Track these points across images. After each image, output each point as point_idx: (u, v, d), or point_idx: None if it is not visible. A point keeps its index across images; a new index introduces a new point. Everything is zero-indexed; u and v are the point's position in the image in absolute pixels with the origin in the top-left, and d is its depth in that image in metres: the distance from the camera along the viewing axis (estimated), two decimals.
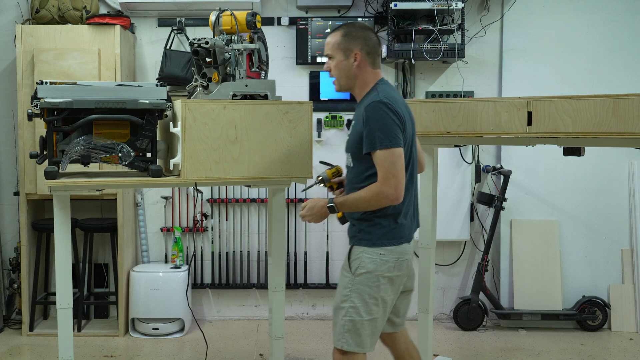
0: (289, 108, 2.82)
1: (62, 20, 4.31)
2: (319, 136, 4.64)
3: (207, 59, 2.87)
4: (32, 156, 2.74)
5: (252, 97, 2.88)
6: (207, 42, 2.79)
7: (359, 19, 4.53)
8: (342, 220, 2.55)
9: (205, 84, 2.89)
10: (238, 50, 2.87)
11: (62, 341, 2.64)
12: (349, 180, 2.49)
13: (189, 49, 4.47)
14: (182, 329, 4.42)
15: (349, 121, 2.64)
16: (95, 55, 4.18)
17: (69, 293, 2.66)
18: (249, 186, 2.98)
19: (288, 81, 4.62)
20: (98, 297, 4.65)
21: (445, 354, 4.02)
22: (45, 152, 2.66)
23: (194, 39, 2.81)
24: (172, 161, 2.72)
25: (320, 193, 4.71)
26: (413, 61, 4.38)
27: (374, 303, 2.38)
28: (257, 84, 2.90)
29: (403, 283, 2.49)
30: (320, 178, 2.63)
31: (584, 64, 4.59)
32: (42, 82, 2.59)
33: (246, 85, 2.86)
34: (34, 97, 2.57)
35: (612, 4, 4.58)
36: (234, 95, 2.83)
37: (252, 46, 2.91)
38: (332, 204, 2.40)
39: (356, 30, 2.49)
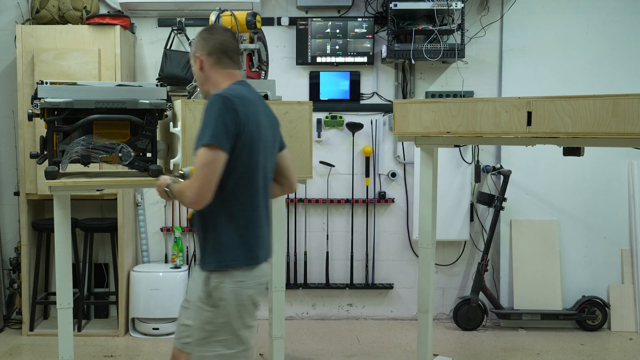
0: (289, 108, 2.81)
1: (62, 20, 4.31)
2: (319, 136, 4.65)
3: None
4: (32, 156, 2.75)
5: None
6: None
7: (359, 19, 4.53)
8: (191, 223, 2.30)
9: None
10: None
11: (62, 341, 2.64)
12: None
13: (189, 49, 4.49)
14: None
15: None
16: (96, 55, 4.18)
17: (69, 293, 2.66)
18: None
19: (288, 81, 4.62)
20: (98, 297, 4.65)
21: (445, 353, 4.02)
22: (45, 152, 2.66)
23: (194, 39, 2.81)
24: (172, 161, 2.72)
25: (321, 189, 4.72)
26: (413, 61, 4.38)
27: (243, 332, 2.16)
28: (257, 84, 2.90)
29: None
30: (181, 172, 2.27)
31: (584, 64, 4.59)
32: (42, 82, 2.59)
33: None
34: (34, 97, 2.57)
35: (612, 4, 4.58)
36: None
37: (252, 46, 2.92)
38: (167, 188, 2.17)
39: (200, 35, 2.28)
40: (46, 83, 2.59)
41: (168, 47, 4.55)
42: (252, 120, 2.09)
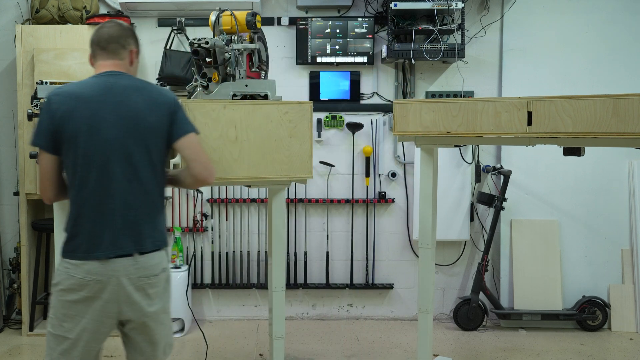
0: (289, 108, 2.81)
1: (62, 20, 4.31)
2: (319, 136, 4.65)
3: (207, 59, 2.87)
4: (32, 156, 2.76)
5: (252, 97, 2.88)
6: (207, 42, 2.78)
7: (359, 19, 4.53)
8: None
9: (205, 84, 2.89)
10: (238, 50, 2.87)
11: None
12: None
13: (189, 49, 4.46)
14: (182, 329, 4.42)
15: None
16: None
17: None
18: (249, 186, 2.98)
19: (288, 81, 4.62)
20: None
21: (445, 354, 4.02)
22: None
23: (194, 39, 2.81)
24: (171, 161, 2.71)
25: (321, 189, 4.71)
26: (413, 61, 4.38)
27: (62, 319, 2.14)
28: (257, 84, 2.90)
29: (110, 310, 2.14)
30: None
31: (584, 64, 4.59)
32: (42, 82, 2.59)
33: (246, 85, 2.86)
34: (34, 97, 2.58)
35: (612, 4, 4.58)
36: (234, 95, 2.83)
37: (252, 46, 2.91)
38: None
39: None
40: (46, 83, 2.60)
41: (168, 47, 4.54)
42: (74, 116, 2.09)
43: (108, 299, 2.12)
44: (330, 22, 4.54)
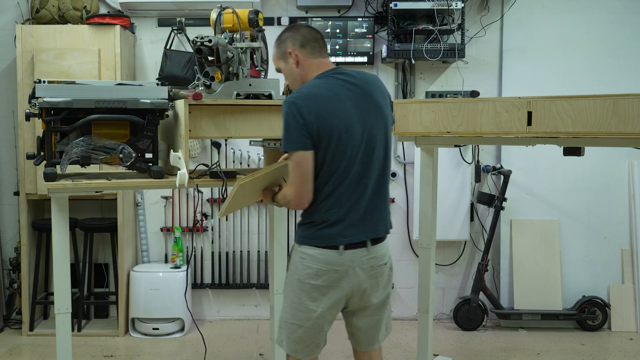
0: None
1: (62, 20, 4.31)
2: None
3: (210, 58, 2.85)
4: (28, 157, 2.68)
5: (256, 96, 2.86)
6: (210, 40, 2.76)
7: (359, 19, 4.53)
8: None
9: (208, 83, 2.88)
10: (241, 48, 2.85)
11: (61, 346, 2.62)
12: None
13: (189, 49, 4.48)
14: (182, 329, 4.42)
15: None
16: (95, 55, 4.18)
17: (67, 297, 2.61)
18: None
19: None
20: (98, 297, 4.65)
21: (445, 354, 4.02)
22: (42, 153, 2.63)
23: (197, 37, 2.78)
24: (173, 154, 2.66)
25: None
26: (413, 61, 4.38)
27: (296, 308, 2.29)
28: (261, 83, 2.88)
29: (344, 297, 2.29)
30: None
31: (584, 64, 4.59)
32: (40, 81, 2.56)
33: (250, 85, 2.85)
34: (32, 96, 2.53)
35: (612, 4, 4.58)
36: (238, 94, 2.81)
37: (255, 44, 2.88)
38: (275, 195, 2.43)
39: (284, 34, 2.43)
40: (44, 82, 2.56)
41: (168, 47, 4.54)
42: (322, 116, 2.19)
43: (347, 288, 2.27)
44: (330, 22, 4.54)
